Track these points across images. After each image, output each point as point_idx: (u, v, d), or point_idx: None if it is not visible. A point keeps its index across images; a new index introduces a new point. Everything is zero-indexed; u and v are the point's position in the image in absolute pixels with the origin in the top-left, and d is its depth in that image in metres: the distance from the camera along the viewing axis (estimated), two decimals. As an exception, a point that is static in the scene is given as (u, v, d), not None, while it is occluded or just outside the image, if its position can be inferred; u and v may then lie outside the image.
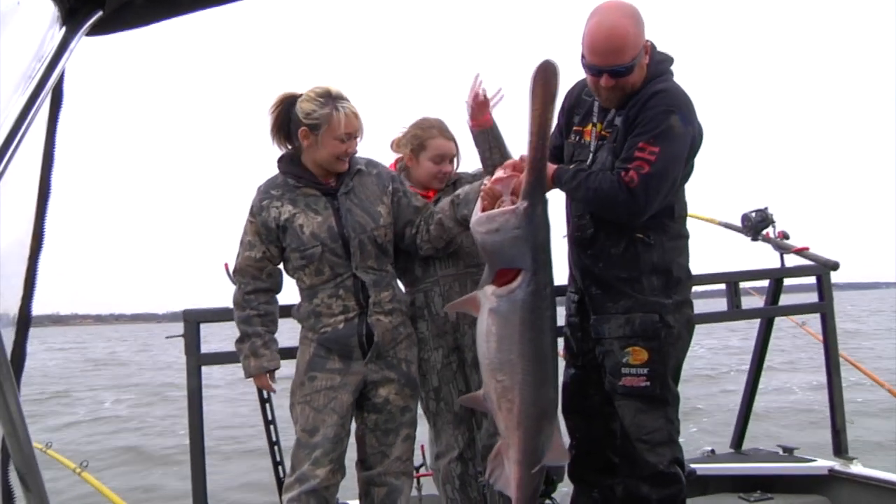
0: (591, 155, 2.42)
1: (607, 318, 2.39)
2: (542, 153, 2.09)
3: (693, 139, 2.31)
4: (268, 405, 3.04)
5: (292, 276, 2.55)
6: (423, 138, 2.74)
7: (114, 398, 16.72)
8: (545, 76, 1.99)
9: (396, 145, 2.84)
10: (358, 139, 2.50)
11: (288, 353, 2.62)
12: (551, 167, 2.30)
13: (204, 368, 2.77)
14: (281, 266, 2.56)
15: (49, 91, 1.08)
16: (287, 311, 2.63)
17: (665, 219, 2.37)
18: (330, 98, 2.41)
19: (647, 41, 2.31)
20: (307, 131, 2.42)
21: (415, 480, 3.07)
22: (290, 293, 2.63)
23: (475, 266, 2.70)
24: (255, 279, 2.51)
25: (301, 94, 2.46)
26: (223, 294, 2.63)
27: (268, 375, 2.51)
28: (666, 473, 2.34)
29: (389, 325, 2.50)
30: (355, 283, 2.45)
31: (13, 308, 1.08)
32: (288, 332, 2.64)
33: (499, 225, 2.08)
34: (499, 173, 2.20)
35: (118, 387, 19.16)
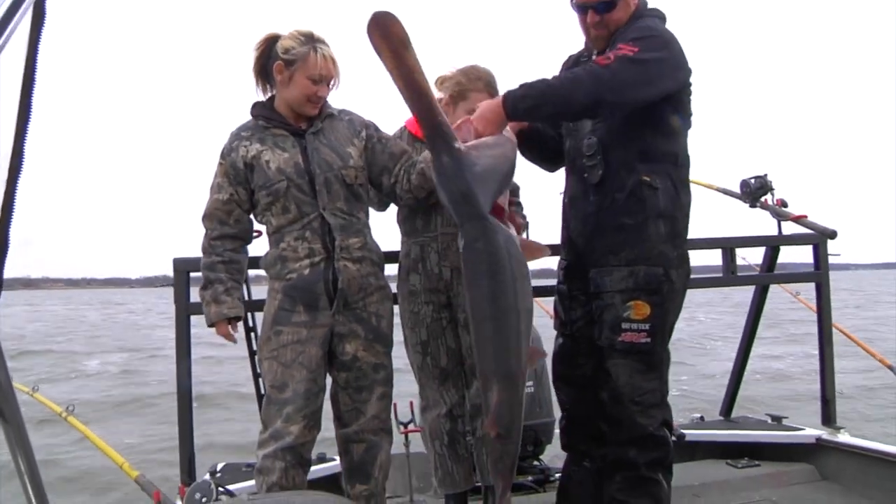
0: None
1: (609, 271, 2.32)
2: (420, 102, 1.92)
3: (683, 59, 2.25)
4: (257, 357, 3.02)
5: (261, 220, 2.49)
6: (467, 89, 2.59)
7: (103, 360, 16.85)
8: (378, 27, 1.82)
9: (440, 83, 2.67)
10: (331, 87, 2.45)
11: (257, 306, 2.60)
12: (496, 100, 2.16)
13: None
14: (251, 216, 2.50)
15: (30, 5, 1.04)
16: (255, 263, 2.57)
17: (669, 165, 2.31)
18: (311, 39, 2.39)
19: None
20: (282, 66, 2.39)
21: (403, 437, 3.07)
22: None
23: None
24: (221, 224, 2.44)
25: (280, 34, 2.43)
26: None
27: (230, 325, 2.43)
28: (655, 436, 2.31)
29: (357, 272, 2.43)
30: (322, 226, 2.39)
31: None
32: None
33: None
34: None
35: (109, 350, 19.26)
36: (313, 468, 2.60)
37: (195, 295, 2.69)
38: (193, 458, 2.75)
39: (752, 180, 3.52)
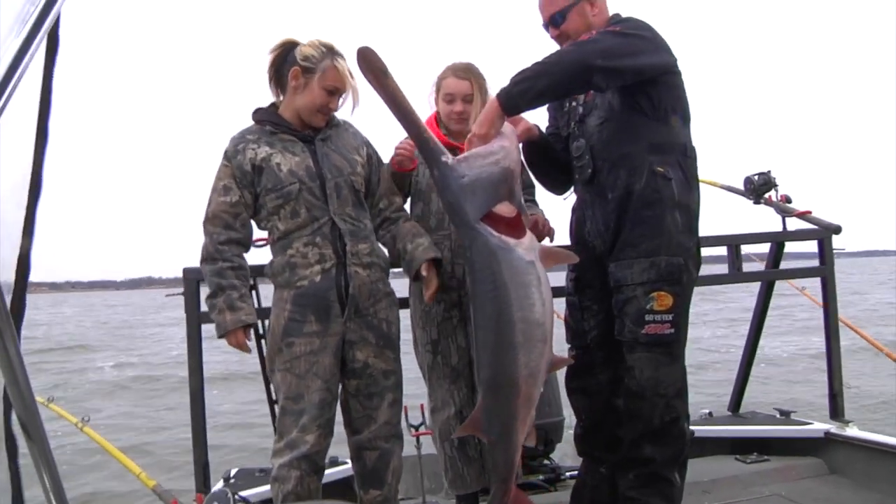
0: (576, 123, 2.49)
1: (629, 264, 2.32)
2: (407, 121, 2.01)
3: (664, 42, 2.29)
4: (268, 368, 3.04)
5: (264, 226, 2.46)
6: (439, 79, 2.76)
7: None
8: (362, 60, 1.96)
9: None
10: (342, 100, 2.46)
11: (261, 313, 2.61)
12: (490, 100, 2.18)
13: None
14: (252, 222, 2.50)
15: (45, 34, 1.06)
16: (259, 271, 2.56)
17: (679, 155, 2.34)
18: (332, 51, 2.40)
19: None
20: (299, 72, 2.40)
21: (415, 439, 3.09)
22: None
23: None
24: (227, 228, 2.38)
25: (297, 41, 2.45)
26: (182, 262, 2.56)
27: (244, 332, 2.37)
28: (672, 429, 2.32)
29: (367, 278, 2.43)
30: (333, 231, 2.39)
31: (12, 256, 1.07)
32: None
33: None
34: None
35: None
36: (326, 472, 2.61)
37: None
38: (208, 466, 2.78)
39: (756, 177, 3.54)
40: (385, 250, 2.59)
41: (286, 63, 2.44)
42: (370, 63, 1.96)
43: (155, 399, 11.51)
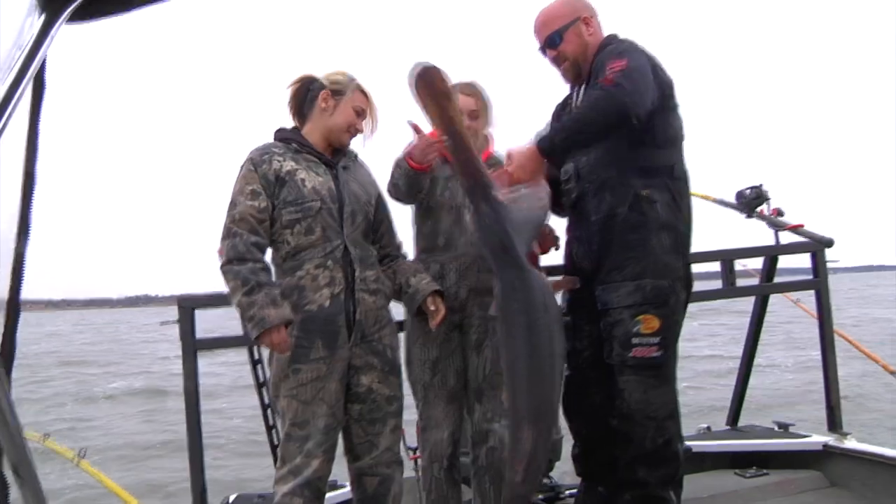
0: None
1: (615, 287, 2.34)
2: (462, 154, 2.01)
3: (659, 61, 2.34)
4: (264, 389, 3.04)
5: (276, 238, 2.41)
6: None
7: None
8: (424, 79, 1.94)
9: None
10: (363, 122, 2.55)
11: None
12: (530, 147, 2.25)
13: None
14: None
15: (30, 79, 1.07)
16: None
17: (665, 178, 2.35)
18: (353, 79, 2.55)
19: (588, 16, 2.47)
20: (329, 95, 2.50)
21: (413, 462, 3.08)
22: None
23: None
24: (253, 232, 2.32)
25: (317, 76, 2.57)
26: (179, 280, 2.54)
27: (286, 329, 2.26)
28: (665, 451, 2.32)
29: (374, 305, 2.44)
30: (345, 256, 2.40)
31: (1, 297, 1.07)
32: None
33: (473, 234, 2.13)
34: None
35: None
36: (327, 495, 2.61)
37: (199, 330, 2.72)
38: (206, 492, 2.77)
39: (748, 191, 3.56)
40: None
41: (309, 92, 2.53)
42: (433, 84, 1.94)
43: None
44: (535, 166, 2.23)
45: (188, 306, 2.76)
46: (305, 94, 2.54)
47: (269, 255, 2.41)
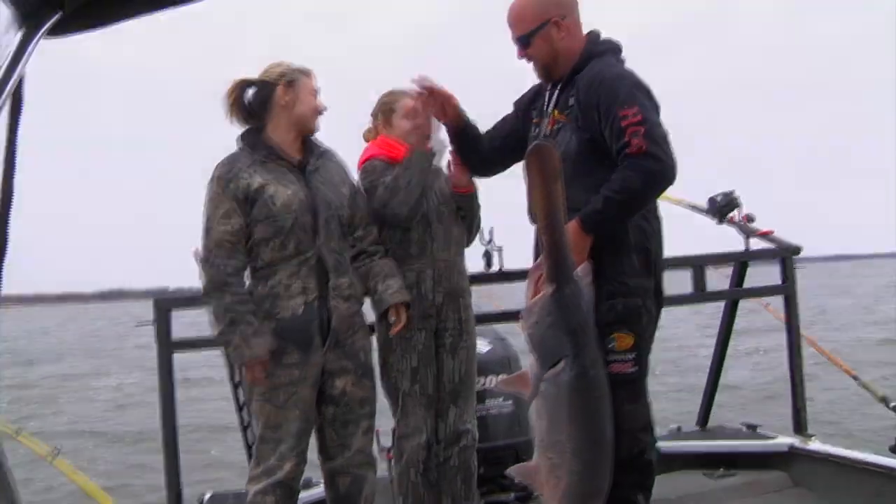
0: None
1: None
2: (556, 234, 2.01)
3: (652, 94, 2.34)
4: (239, 388, 3.05)
5: (250, 250, 2.44)
6: (391, 102, 2.80)
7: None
8: (539, 158, 1.95)
9: (368, 132, 2.89)
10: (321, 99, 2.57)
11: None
12: (575, 228, 2.23)
13: None
14: None
15: (8, 96, 1.08)
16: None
17: None
18: (291, 65, 2.53)
19: (558, 18, 2.37)
20: (285, 87, 2.47)
21: (387, 461, 3.11)
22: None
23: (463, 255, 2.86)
24: (230, 256, 2.36)
25: (251, 77, 2.53)
26: (154, 273, 2.54)
27: (261, 367, 2.35)
28: (639, 461, 2.36)
29: (347, 311, 2.47)
30: (318, 264, 2.42)
31: None
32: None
33: (536, 317, 2.05)
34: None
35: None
36: (301, 494, 2.64)
37: (176, 330, 2.73)
38: (181, 494, 2.78)
39: (720, 197, 3.60)
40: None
41: (256, 94, 2.49)
42: (547, 163, 1.94)
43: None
44: (585, 247, 2.23)
45: (164, 307, 2.76)
46: (254, 97, 2.50)
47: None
